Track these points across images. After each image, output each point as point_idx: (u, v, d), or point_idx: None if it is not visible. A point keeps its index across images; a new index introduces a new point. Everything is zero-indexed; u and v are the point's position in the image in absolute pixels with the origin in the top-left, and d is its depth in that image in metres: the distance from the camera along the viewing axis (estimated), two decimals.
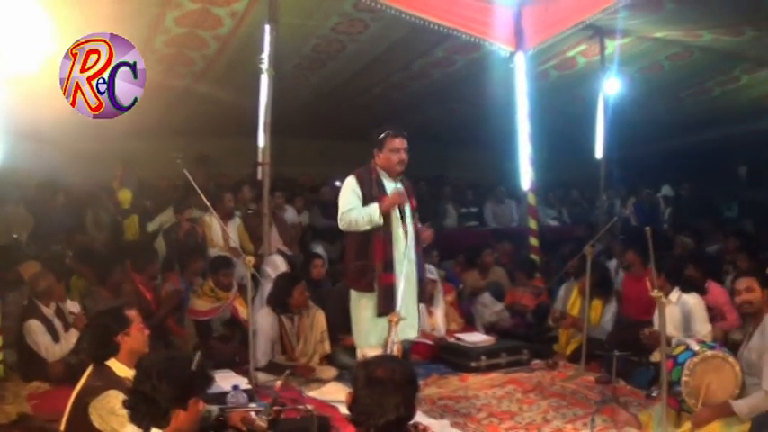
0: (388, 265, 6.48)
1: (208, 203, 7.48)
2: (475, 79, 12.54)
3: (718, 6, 9.58)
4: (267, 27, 8.67)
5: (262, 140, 8.82)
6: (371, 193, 6.54)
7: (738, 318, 7.81)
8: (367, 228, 6.45)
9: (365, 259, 6.53)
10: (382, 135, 6.61)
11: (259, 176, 9.06)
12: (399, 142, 6.59)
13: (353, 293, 6.71)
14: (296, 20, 9.60)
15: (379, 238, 6.48)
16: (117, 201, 12.16)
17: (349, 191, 6.59)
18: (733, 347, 6.15)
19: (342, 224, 6.59)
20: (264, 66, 8.68)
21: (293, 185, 14.28)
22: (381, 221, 6.42)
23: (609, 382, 7.13)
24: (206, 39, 9.93)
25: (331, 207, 8.33)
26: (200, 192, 7.09)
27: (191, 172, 6.98)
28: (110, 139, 12.17)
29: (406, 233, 6.57)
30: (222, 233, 9.90)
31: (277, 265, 9.04)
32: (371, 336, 6.53)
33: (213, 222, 9.89)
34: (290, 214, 11.86)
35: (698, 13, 10.04)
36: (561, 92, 13.64)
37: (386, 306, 6.37)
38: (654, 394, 6.52)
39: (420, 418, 6.11)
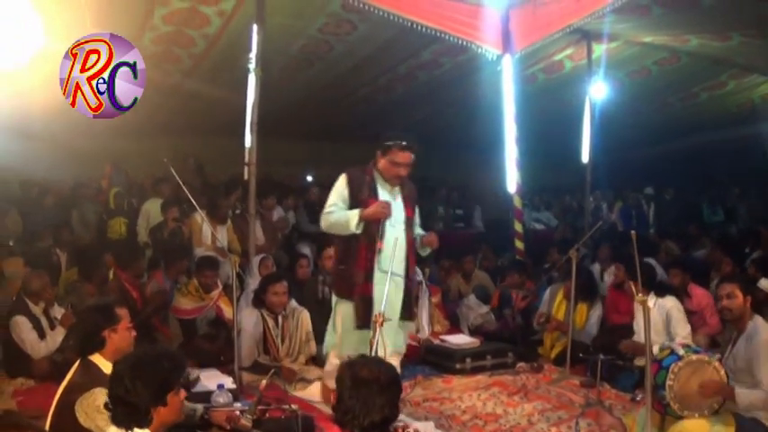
0: (369, 276, 6.16)
1: (197, 207, 7.49)
2: (462, 82, 12.57)
3: (706, 12, 9.60)
4: (254, 27, 8.69)
5: (248, 141, 8.80)
6: (361, 195, 6.20)
7: (719, 323, 7.84)
8: (346, 233, 6.18)
9: (347, 265, 6.27)
10: (389, 143, 6.18)
11: (245, 177, 9.07)
12: (403, 157, 6.16)
13: (334, 298, 6.49)
14: (284, 20, 9.60)
15: (364, 245, 6.16)
16: (105, 199, 12.12)
17: (336, 191, 6.31)
18: None
19: (322, 224, 6.37)
20: (252, 65, 8.68)
21: (281, 186, 14.12)
22: (359, 230, 6.10)
23: (593, 386, 7.13)
24: (194, 37, 9.92)
25: (317, 209, 8.02)
26: (189, 195, 7.02)
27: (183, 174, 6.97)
28: (97, 137, 12.15)
29: (392, 243, 6.00)
30: (210, 233, 9.87)
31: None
32: (345, 346, 6.27)
33: (202, 222, 9.86)
34: (277, 214, 11.77)
35: (685, 19, 10.07)
36: (548, 95, 13.65)
37: (364, 319, 6.10)
38: (638, 398, 6.58)
39: (404, 419, 6.11)
